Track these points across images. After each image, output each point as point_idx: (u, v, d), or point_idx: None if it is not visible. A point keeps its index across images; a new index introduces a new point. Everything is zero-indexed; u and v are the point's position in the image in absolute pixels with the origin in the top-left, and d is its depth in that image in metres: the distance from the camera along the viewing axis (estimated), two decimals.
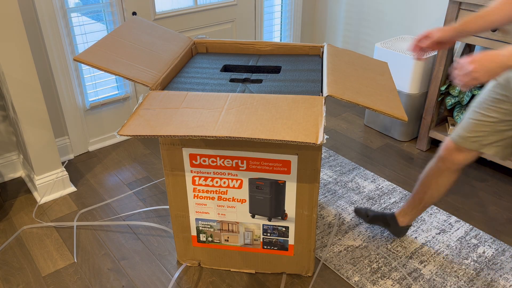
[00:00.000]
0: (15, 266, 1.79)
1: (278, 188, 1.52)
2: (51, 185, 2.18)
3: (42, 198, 2.16)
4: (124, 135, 1.21)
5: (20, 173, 2.38)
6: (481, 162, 2.48)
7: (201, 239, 1.70)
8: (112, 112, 2.61)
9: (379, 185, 2.28)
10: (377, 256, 1.83)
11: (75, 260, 1.82)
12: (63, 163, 2.49)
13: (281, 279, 1.72)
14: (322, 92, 1.48)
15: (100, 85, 2.54)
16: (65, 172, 2.22)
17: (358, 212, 2.00)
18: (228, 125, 1.23)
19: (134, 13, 2.46)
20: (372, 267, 1.78)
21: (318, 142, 1.15)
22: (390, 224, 1.90)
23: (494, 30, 2.04)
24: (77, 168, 2.43)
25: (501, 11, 1.38)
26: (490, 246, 1.88)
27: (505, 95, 1.44)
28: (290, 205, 1.56)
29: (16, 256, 1.84)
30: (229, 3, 2.86)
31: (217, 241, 1.69)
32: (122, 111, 2.66)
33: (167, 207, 2.12)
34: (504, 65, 1.16)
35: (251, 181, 1.52)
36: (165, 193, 2.22)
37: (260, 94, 1.38)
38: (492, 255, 1.84)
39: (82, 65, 2.42)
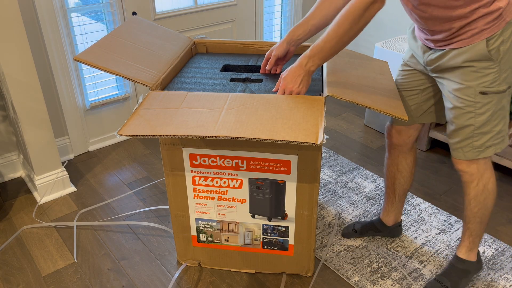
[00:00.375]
0: (15, 266, 1.79)
1: (278, 188, 1.52)
2: (51, 185, 2.18)
3: (42, 198, 2.17)
4: (124, 135, 1.21)
5: (20, 173, 2.38)
6: None
7: (201, 239, 1.70)
8: (112, 112, 2.61)
9: (379, 185, 2.28)
10: (377, 256, 1.83)
11: (75, 260, 1.82)
12: (63, 163, 2.49)
13: (281, 279, 1.72)
14: (322, 92, 1.49)
15: (100, 85, 2.54)
16: (65, 172, 2.22)
17: (346, 233, 1.92)
18: (228, 125, 1.23)
19: (134, 13, 2.46)
20: (372, 267, 1.78)
21: (318, 142, 1.15)
22: (380, 229, 1.90)
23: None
24: (77, 168, 2.43)
25: (320, 13, 1.45)
26: (490, 246, 1.88)
27: (413, 69, 1.56)
28: (290, 205, 1.56)
29: (16, 256, 1.84)
30: (229, 3, 2.86)
31: (217, 241, 1.69)
32: (122, 111, 2.66)
33: (167, 207, 2.13)
34: (308, 71, 1.35)
35: (251, 181, 1.52)
36: (165, 193, 2.22)
37: (260, 94, 1.38)
38: (492, 255, 1.84)
39: (82, 65, 2.42)
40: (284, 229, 1.61)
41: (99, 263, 1.80)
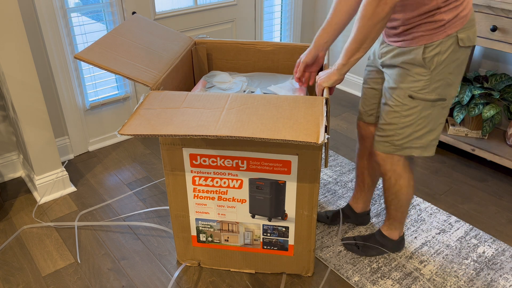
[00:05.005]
0: (15, 266, 1.79)
1: (278, 188, 1.52)
2: (51, 185, 2.17)
3: (42, 198, 2.16)
4: (124, 135, 1.21)
5: (20, 173, 2.38)
6: (481, 162, 2.48)
7: (201, 239, 1.69)
8: (112, 112, 2.61)
9: (379, 185, 2.27)
10: (377, 256, 1.83)
11: (78, 261, 1.82)
12: (63, 163, 2.49)
13: (281, 279, 1.72)
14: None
15: (100, 85, 2.54)
16: (65, 172, 2.22)
17: (319, 217, 2.00)
18: (229, 125, 1.23)
19: (134, 13, 2.46)
20: (372, 267, 1.78)
21: (319, 142, 1.15)
22: (348, 215, 1.96)
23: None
24: (77, 168, 2.43)
25: (339, 13, 1.47)
26: (490, 246, 1.88)
27: (374, 66, 1.61)
28: (290, 205, 1.55)
29: (16, 256, 1.84)
30: (229, 3, 2.86)
31: (217, 241, 1.69)
32: (122, 111, 2.66)
33: (167, 207, 2.12)
34: (343, 75, 1.42)
35: (251, 181, 1.52)
36: (165, 193, 2.22)
37: (260, 94, 1.38)
38: (492, 255, 1.84)
39: (82, 65, 2.42)
40: (284, 229, 1.61)
41: (99, 263, 1.80)
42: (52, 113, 2.38)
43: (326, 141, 1.16)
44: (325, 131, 1.20)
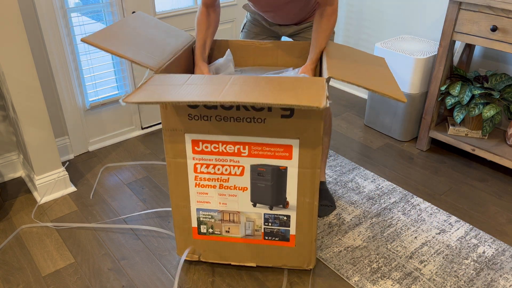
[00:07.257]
0: (15, 266, 1.79)
1: (280, 174, 1.53)
2: (51, 185, 2.17)
3: (42, 198, 2.16)
4: (129, 103, 1.23)
5: (20, 173, 2.37)
6: (481, 162, 2.48)
7: (202, 230, 1.69)
8: (112, 112, 2.62)
9: (379, 185, 2.27)
10: (377, 256, 1.83)
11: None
12: (63, 163, 2.49)
13: (281, 279, 1.72)
14: (322, 75, 1.52)
15: (100, 85, 2.54)
16: (65, 172, 2.21)
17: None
18: (233, 93, 1.26)
19: (134, 13, 2.46)
20: (372, 267, 1.77)
21: (322, 106, 1.16)
22: None
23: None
24: (77, 168, 2.43)
25: (207, 32, 1.75)
26: (490, 246, 1.88)
27: (266, 35, 2.06)
28: (291, 192, 1.56)
29: (16, 256, 1.84)
30: (229, 3, 2.87)
31: (218, 233, 1.69)
32: (122, 111, 2.66)
33: (167, 208, 2.12)
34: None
35: (253, 168, 1.53)
36: (165, 194, 2.22)
37: (262, 76, 1.41)
38: (492, 255, 1.84)
39: (82, 65, 2.43)
40: (285, 218, 1.61)
41: (99, 263, 1.80)
42: (52, 113, 2.38)
43: (327, 105, 1.18)
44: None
